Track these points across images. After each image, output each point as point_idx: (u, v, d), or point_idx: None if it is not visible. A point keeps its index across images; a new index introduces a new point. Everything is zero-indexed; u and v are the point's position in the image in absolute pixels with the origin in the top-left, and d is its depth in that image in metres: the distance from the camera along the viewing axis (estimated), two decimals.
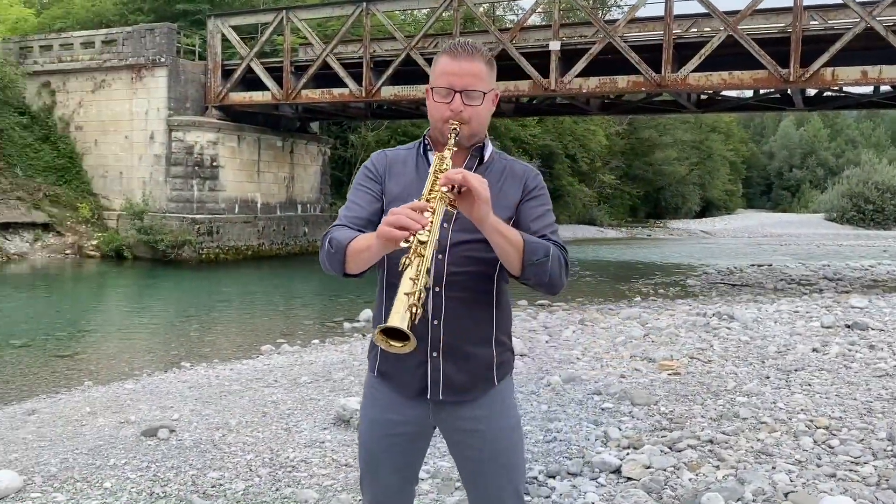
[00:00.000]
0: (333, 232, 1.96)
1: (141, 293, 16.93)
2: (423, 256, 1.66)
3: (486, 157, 2.05)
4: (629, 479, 3.98)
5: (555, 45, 17.66)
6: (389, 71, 19.16)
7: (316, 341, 9.68)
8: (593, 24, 18.19)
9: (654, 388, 6.07)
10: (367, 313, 11.72)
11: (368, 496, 2.13)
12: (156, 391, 6.74)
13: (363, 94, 19.48)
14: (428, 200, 1.74)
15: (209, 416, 5.62)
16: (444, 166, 1.83)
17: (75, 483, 4.22)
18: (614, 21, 18.91)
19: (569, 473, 4.11)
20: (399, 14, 30.20)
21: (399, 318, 1.59)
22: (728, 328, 9.17)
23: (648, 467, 4.07)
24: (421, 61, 18.76)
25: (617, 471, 4.09)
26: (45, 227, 21.27)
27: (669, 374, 6.52)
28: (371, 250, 1.79)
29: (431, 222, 1.68)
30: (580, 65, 17.34)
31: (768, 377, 6.34)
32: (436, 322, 1.96)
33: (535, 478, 4.07)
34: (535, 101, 22.17)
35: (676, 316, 10.68)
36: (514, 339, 7.13)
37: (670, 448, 4.42)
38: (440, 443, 4.01)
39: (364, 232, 1.90)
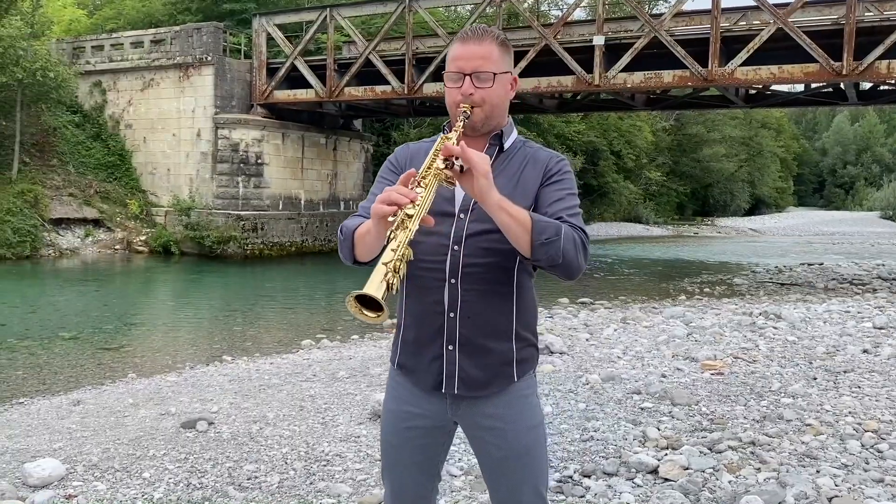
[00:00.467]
0: (346, 221, 1.96)
1: (187, 288, 17.26)
2: (408, 229, 1.63)
3: (506, 146, 1.99)
4: (666, 479, 3.88)
5: (599, 40, 17.44)
6: (431, 68, 19.13)
7: (355, 337, 9.73)
8: (638, 18, 17.91)
9: (696, 387, 5.94)
10: None
11: (388, 488, 2.11)
12: (197, 384, 6.84)
13: (405, 91, 19.51)
14: (423, 177, 1.72)
15: (248, 409, 5.68)
16: (447, 142, 1.80)
17: (115, 473, 4.29)
18: (660, 15, 18.60)
19: (605, 473, 4.03)
20: (442, 11, 30.22)
21: (374, 287, 1.55)
22: (775, 328, 8.95)
23: (686, 468, 3.97)
24: None
25: (654, 471, 4.00)
26: (96, 222, 21.82)
27: (712, 374, 6.38)
28: (371, 233, 1.76)
29: (422, 196, 1.67)
30: (624, 59, 17.09)
31: (815, 378, 6.15)
32: (452, 315, 1.91)
33: (571, 477, 4.01)
34: (578, 97, 21.93)
35: (722, 315, 10.46)
36: (553, 336, 6.98)
37: (710, 449, 4.31)
38: None
39: None
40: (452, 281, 1.90)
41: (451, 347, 1.93)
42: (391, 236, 1.63)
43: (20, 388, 7.19)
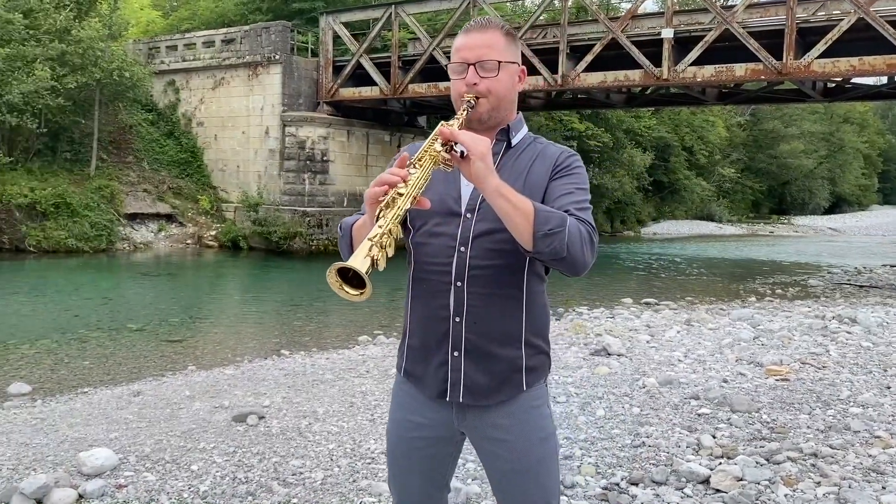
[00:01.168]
0: (345, 218, 1.91)
1: (253, 283, 17.62)
2: (399, 207, 1.58)
3: (514, 142, 1.90)
4: (717, 490, 3.71)
5: (667, 33, 16.99)
6: None
7: None
8: (709, 10, 17.36)
9: (759, 394, 5.69)
10: None
11: (395, 498, 2.05)
12: (253, 377, 6.94)
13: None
14: (419, 158, 1.67)
15: (299, 403, 5.72)
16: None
17: (165, 464, 4.37)
18: (732, 6, 17.99)
19: (653, 481, 3.88)
20: (509, 5, 30.04)
21: (358, 261, 1.50)
22: (848, 332, 8.53)
23: (740, 479, 3.78)
24: (528, 53, 18.50)
25: (705, 481, 3.82)
26: (169, 217, 22.51)
27: (777, 380, 6.10)
28: (367, 224, 1.69)
29: (414, 176, 1.62)
30: (694, 53, 16.60)
31: (889, 387, 5.82)
32: (457, 319, 1.82)
33: (617, 484, 3.88)
34: (647, 92, 21.45)
35: (792, 318, 10.05)
36: (612, 337, 6.80)
37: (767, 460, 4.10)
38: None
39: None
40: (458, 284, 1.81)
41: (456, 353, 1.84)
42: (380, 214, 1.58)
43: (86, 377, 7.43)
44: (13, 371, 7.57)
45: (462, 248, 1.81)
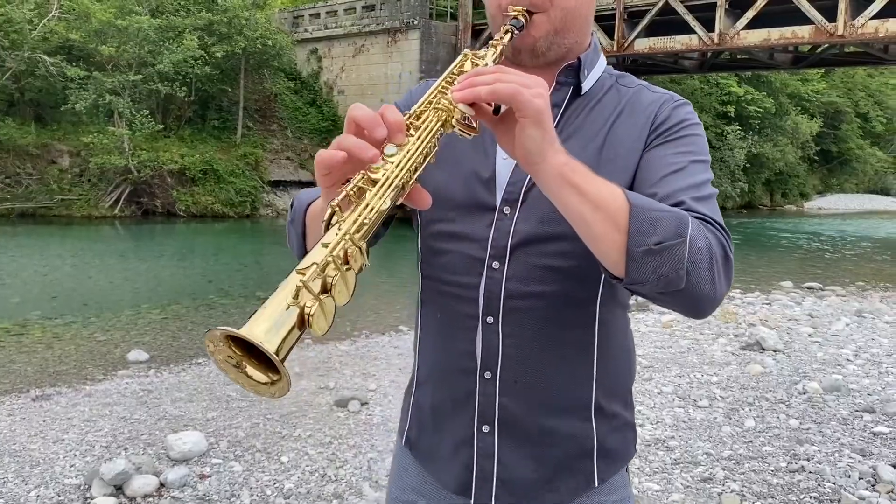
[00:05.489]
0: (303, 191, 1.16)
1: (388, 253, 17.55)
2: (369, 208, 0.75)
3: (586, 86, 1.13)
4: None
5: None
6: (645, 21, 17.74)
7: None
8: None
9: None
10: None
11: None
12: (365, 355, 6.70)
13: (614, 48, 18.29)
14: (418, 114, 0.88)
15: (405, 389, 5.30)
16: (469, 65, 0.96)
17: (255, 453, 4.16)
18: None
19: None
20: None
21: (265, 322, 0.67)
22: None
23: None
24: (681, 10, 17.10)
25: None
26: (311, 185, 22.86)
27: None
28: (324, 211, 0.79)
29: (405, 149, 0.82)
30: (877, 4, 14.64)
31: None
32: (488, 374, 1.13)
33: None
34: (818, 50, 19.37)
35: None
36: (767, 329, 5.79)
37: None
38: None
39: None
40: (489, 321, 1.11)
41: (486, 428, 1.15)
42: (334, 216, 0.76)
43: (203, 347, 7.38)
44: (138, 336, 7.66)
45: (495, 264, 1.10)
